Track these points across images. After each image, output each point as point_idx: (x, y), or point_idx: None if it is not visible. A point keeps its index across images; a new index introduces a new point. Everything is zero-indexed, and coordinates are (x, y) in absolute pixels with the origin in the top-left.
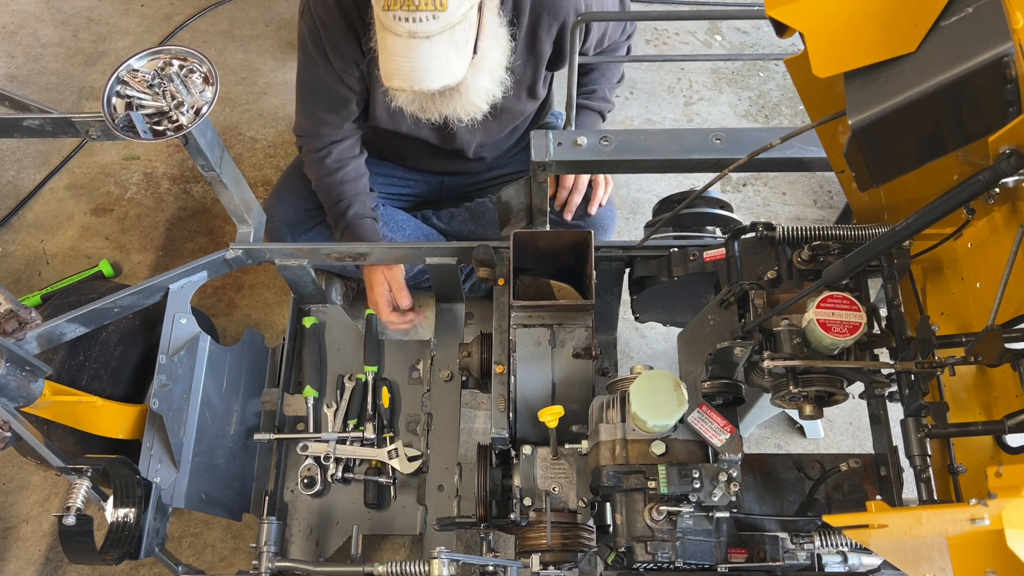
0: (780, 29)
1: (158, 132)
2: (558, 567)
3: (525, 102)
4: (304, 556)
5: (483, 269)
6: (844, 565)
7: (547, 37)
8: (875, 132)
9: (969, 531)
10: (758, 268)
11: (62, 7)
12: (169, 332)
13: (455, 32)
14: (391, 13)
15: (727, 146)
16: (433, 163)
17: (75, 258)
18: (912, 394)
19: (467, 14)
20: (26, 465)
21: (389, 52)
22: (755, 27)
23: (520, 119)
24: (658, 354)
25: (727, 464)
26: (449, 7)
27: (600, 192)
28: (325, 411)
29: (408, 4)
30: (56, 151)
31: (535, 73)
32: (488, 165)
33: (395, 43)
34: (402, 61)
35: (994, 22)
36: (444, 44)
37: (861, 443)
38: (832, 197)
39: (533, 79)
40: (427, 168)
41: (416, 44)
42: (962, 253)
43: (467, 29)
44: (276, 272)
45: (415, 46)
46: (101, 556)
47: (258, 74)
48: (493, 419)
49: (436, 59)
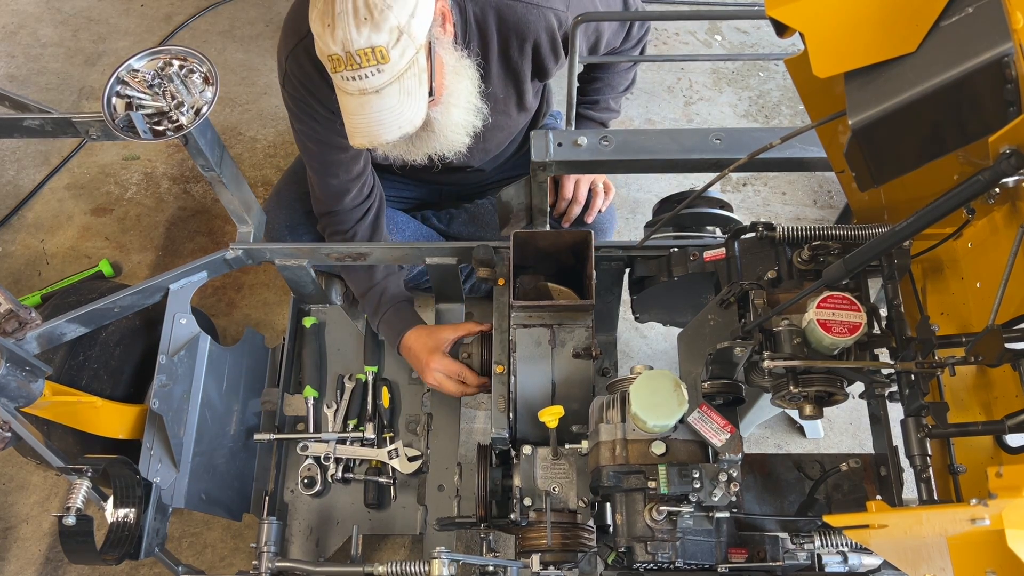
0: (780, 29)
1: (158, 132)
2: (558, 567)
3: (516, 116)
4: (304, 556)
5: (483, 269)
6: (844, 565)
7: (521, 57)
8: (875, 132)
9: (969, 531)
10: (758, 268)
11: (62, 7)
12: (169, 332)
13: (404, 81)
14: (339, 75)
15: (727, 146)
16: (434, 177)
17: (75, 258)
18: (912, 394)
19: (413, 60)
20: (26, 465)
21: (346, 111)
22: (755, 27)
23: (515, 132)
24: (658, 354)
25: (727, 464)
26: (391, 58)
27: (599, 201)
28: (325, 411)
29: (351, 64)
30: (56, 151)
31: (519, 89)
32: (489, 175)
33: (349, 102)
34: (358, 119)
35: (994, 22)
36: (395, 94)
37: (861, 443)
38: (832, 197)
39: (519, 94)
40: (428, 179)
41: (367, 100)
42: (962, 253)
43: (416, 74)
44: (276, 272)
45: (367, 102)
46: (101, 556)
47: (258, 74)
48: (493, 419)
49: (389, 111)
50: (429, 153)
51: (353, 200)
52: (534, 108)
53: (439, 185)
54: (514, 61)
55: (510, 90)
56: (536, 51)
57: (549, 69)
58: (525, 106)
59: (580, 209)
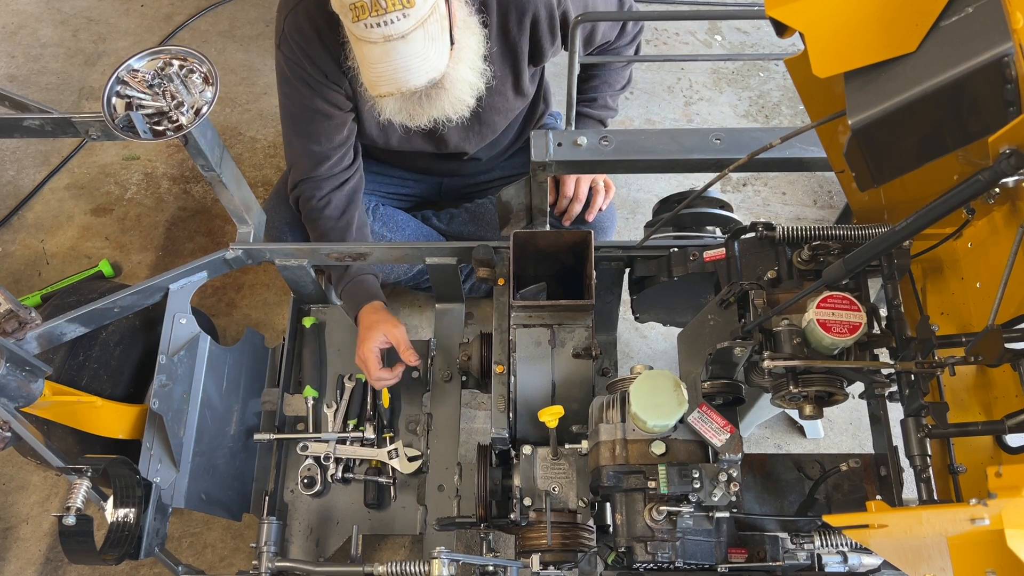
0: (780, 29)
1: (158, 132)
2: (558, 567)
3: (513, 100)
4: (304, 556)
5: (483, 269)
6: (844, 565)
7: (519, 31)
8: (875, 132)
9: (969, 531)
10: (758, 268)
11: (62, 7)
12: (169, 332)
13: (428, 26)
14: (361, 23)
15: (727, 146)
16: (430, 165)
17: (75, 258)
18: (912, 394)
19: (435, 6)
20: (26, 465)
21: (369, 62)
22: (755, 27)
23: (511, 117)
24: (658, 354)
25: (727, 464)
26: (416, 3)
27: (599, 199)
28: (325, 411)
29: (376, 9)
30: (56, 151)
31: (516, 68)
32: (486, 165)
33: (372, 51)
34: (383, 67)
35: (994, 22)
36: (420, 39)
37: (861, 443)
38: (832, 197)
39: (515, 74)
40: (425, 170)
41: (393, 47)
42: (962, 253)
43: (439, 20)
44: (276, 272)
45: (392, 49)
46: (101, 556)
47: (258, 74)
48: (493, 419)
49: (415, 56)
50: (436, 115)
51: (332, 168)
52: (530, 95)
53: (437, 178)
54: (512, 36)
55: (507, 69)
56: (535, 27)
57: (545, 49)
58: (522, 90)
59: (581, 207)
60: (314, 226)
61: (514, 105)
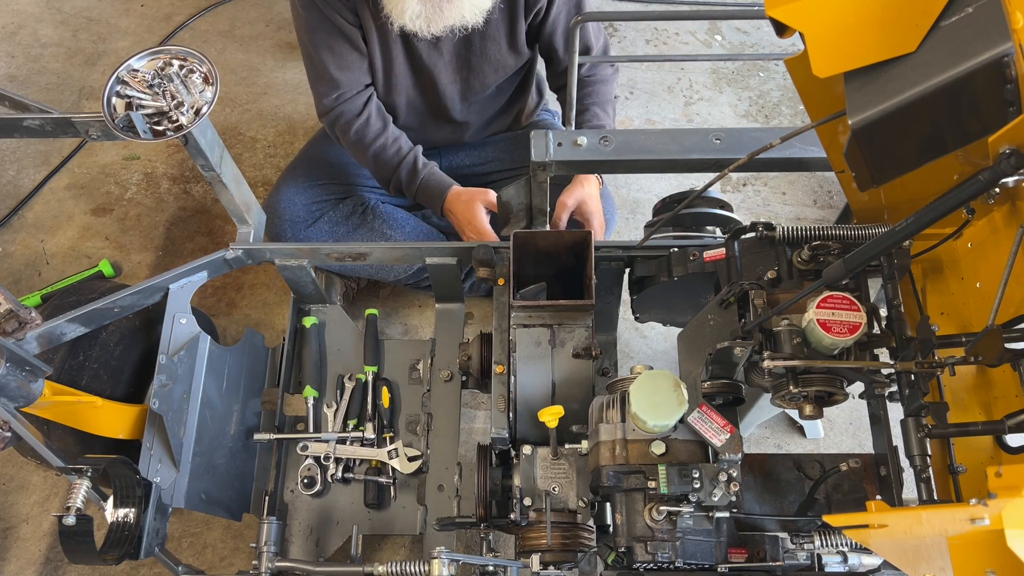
0: (780, 29)
1: (158, 132)
2: (558, 567)
3: (506, 53)
4: (304, 556)
5: (483, 269)
6: (844, 565)
7: None
8: (875, 132)
9: (969, 531)
10: (758, 268)
11: (62, 7)
12: (169, 332)
13: None
14: None
15: (727, 146)
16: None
17: (75, 258)
18: (912, 394)
19: None
20: (26, 465)
21: None
22: (755, 27)
23: (500, 73)
24: (658, 354)
25: (727, 464)
26: None
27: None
28: (325, 411)
29: None
30: (56, 151)
31: (513, 17)
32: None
33: None
34: None
35: (994, 22)
36: None
37: (861, 443)
38: (832, 197)
39: (511, 25)
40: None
41: None
42: (962, 253)
43: None
44: (276, 272)
45: None
46: (101, 556)
47: (258, 74)
48: (493, 419)
49: None
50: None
51: (360, 80)
52: (523, 57)
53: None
54: None
55: (504, 16)
56: None
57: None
58: (516, 46)
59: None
60: (362, 140)
61: (507, 60)
